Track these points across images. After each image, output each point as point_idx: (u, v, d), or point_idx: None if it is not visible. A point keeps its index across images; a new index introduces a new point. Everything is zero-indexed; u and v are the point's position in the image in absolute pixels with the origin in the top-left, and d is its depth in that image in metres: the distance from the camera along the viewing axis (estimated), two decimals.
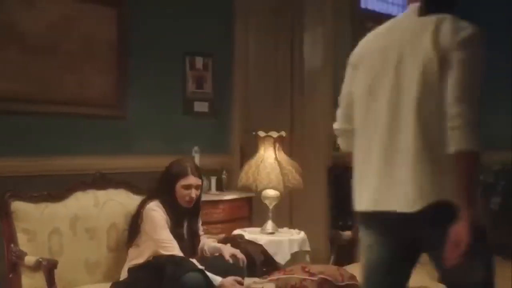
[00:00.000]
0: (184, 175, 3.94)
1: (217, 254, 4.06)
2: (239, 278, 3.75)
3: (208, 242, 4.17)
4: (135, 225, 3.92)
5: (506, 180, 7.51)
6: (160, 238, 3.80)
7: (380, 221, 2.70)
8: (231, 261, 3.96)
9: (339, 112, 3.03)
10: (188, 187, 3.94)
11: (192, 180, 3.95)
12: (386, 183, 2.60)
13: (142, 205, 3.94)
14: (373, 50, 2.80)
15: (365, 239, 2.86)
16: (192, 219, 4.08)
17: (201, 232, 4.22)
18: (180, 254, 3.78)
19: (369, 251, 2.84)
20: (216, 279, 3.66)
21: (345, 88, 2.93)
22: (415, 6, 2.75)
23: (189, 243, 4.02)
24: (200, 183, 4.03)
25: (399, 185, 2.55)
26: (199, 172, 4.06)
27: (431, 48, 2.52)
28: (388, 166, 2.59)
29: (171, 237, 3.82)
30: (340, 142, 3.09)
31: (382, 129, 2.62)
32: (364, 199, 2.73)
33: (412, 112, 2.51)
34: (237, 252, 4.04)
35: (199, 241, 4.13)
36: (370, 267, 2.84)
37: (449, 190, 2.44)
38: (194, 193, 3.96)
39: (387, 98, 2.61)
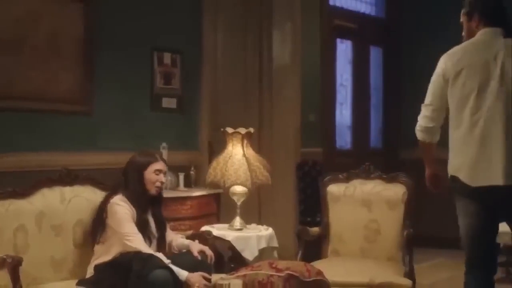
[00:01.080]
0: (155, 160, 4.02)
1: (184, 250, 4.06)
2: (206, 274, 3.75)
3: (176, 238, 4.17)
4: (99, 220, 3.91)
5: None
6: (125, 231, 3.80)
7: (491, 193, 3.44)
8: (199, 257, 3.96)
9: (432, 114, 3.70)
10: (159, 171, 4.00)
11: (162, 165, 4.04)
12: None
13: (106, 200, 3.94)
14: (473, 63, 3.51)
15: (469, 207, 3.53)
16: (156, 208, 4.10)
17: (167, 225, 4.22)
18: (145, 246, 3.78)
19: (474, 217, 3.53)
20: (182, 273, 3.67)
21: (439, 93, 3.66)
22: (495, 30, 3.55)
23: (158, 231, 4.04)
24: (166, 169, 4.13)
25: None
26: (164, 159, 4.16)
27: None
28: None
29: (136, 230, 3.83)
30: (426, 136, 3.77)
31: (501, 121, 3.41)
32: (489, 176, 3.42)
33: None
34: (206, 248, 4.04)
35: (165, 229, 4.12)
36: (475, 230, 3.55)
37: None
38: (163, 178, 4.03)
39: (496, 98, 3.42)
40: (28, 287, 3.62)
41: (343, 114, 8.08)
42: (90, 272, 3.83)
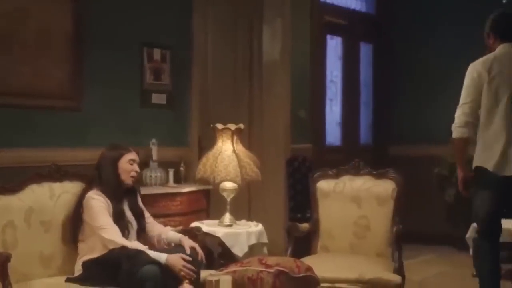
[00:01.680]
0: (127, 151, 4.04)
1: (173, 244, 4.06)
2: (185, 256, 3.78)
3: (165, 231, 4.16)
4: (77, 216, 3.93)
5: None
6: (98, 224, 3.80)
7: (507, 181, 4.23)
8: (189, 252, 3.95)
9: (468, 110, 4.28)
10: (133, 161, 4.01)
11: (135, 155, 4.06)
12: None
13: (81, 196, 3.95)
14: (503, 72, 4.25)
15: (488, 192, 4.29)
16: (132, 198, 4.10)
17: (149, 217, 4.22)
18: (120, 237, 3.78)
19: (491, 200, 4.29)
20: (162, 256, 3.69)
21: (475, 96, 4.27)
22: (509, 44, 4.35)
23: (136, 222, 4.05)
24: (138, 161, 4.15)
25: None
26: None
27: None
28: None
29: (111, 222, 3.83)
30: (464, 130, 4.30)
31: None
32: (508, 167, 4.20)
33: None
34: (197, 246, 4.02)
35: (144, 220, 4.13)
36: (492, 214, 4.33)
37: None
38: (137, 167, 4.05)
39: (506, 103, 4.19)
40: (17, 283, 3.60)
41: (333, 110, 8.09)
42: (78, 269, 3.82)
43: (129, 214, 4.03)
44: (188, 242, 4.02)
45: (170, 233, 4.15)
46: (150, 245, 3.96)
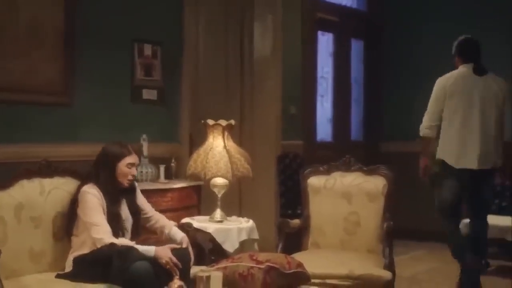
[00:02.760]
0: (128, 153, 4.01)
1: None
2: (174, 245, 3.84)
3: (169, 226, 4.18)
4: (72, 211, 3.92)
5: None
6: (91, 221, 3.79)
7: (467, 173, 5.29)
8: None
9: (432, 116, 5.40)
10: (132, 165, 4.00)
11: (135, 158, 4.04)
12: (485, 155, 5.27)
13: (77, 190, 3.93)
14: (461, 90, 5.34)
15: (450, 182, 5.36)
16: (130, 198, 4.09)
17: (151, 211, 4.24)
18: (110, 237, 3.76)
19: (452, 189, 5.36)
20: (150, 249, 3.71)
21: (438, 105, 5.38)
22: (469, 65, 5.43)
23: (133, 223, 4.04)
24: (138, 162, 4.14)
25: (490, 156, 5.31)
26: (136, 151, 4.16)
27: (500, 92, 5.39)
28: (485, 148, 5.28)
29: (103, 220, 3.81)
30: (428, 132, 5.44)
31: (478, 128, 5.27)
32: (467, 161, 5.27)
33: (494, 120, 5.34)
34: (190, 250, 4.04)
35: (139, 219, 4.13)
36: (452, 200, 5.39)
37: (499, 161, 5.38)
38: (135, 171, 4.04)
39: (479, 113, 5.28)
40: (7, 279, 3.59)
41: (324, 106, 8.10)
42: (69, 265, 3.81)
43: (126, 214, 4.01)
44: (186, 243, 4.03)
45: (174, 230, 4.16)
46: (154, 235, 3.99)
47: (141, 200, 4.21)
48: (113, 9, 5.49)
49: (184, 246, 3.99)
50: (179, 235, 4.12)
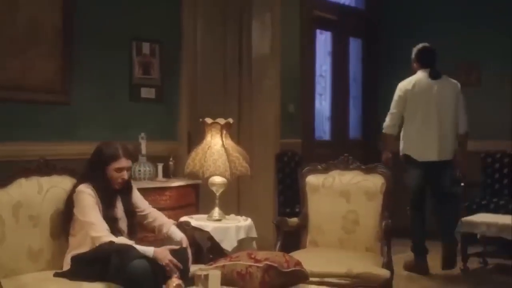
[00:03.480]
0: (115, 158, 3.92)
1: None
2: (173, 246, 3.83)
3: (168, 225, 4.15)
4: (68, 210, 3.90)
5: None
6: (88, 220, 3.78)
7: (428, 164, 6.11)
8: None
9: (394, 116, 6.25)
10: (120, 169, 3.93)
11: (124, 163, 3.94)
12: (442, 148, 6.12)
13: (73, 189, 3.92)
14: (420, 93, 6.13)
15: (415, 172, 6.17)
16: (125, 198, 4.06)
17: (147, 208, 4.21)
18: (108, 235, 3.75)
19: (416, 179, 6.17)
20: (149, 250, 3.70)
21: (399, 107, 6.20)
22: (426, 70, 6.19)
23: (129, 223, 4.02)
24: (131, 164, 4.05)
25: (447, 148, 6.16)
26: (130, 153, 4.06)
27: (453, 93, 6.19)
28: (442, 141, 6.12)
29: (100, 218, 3.80)
30: (390, 130, 6.30)
31: (436, 125, 6.10)
32: (428, 154, 6.11)
33: (451, 119, 6.18)
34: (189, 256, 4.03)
35: (135, 218, 4.10)
36: (417, 188, 6.20)
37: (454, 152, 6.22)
38: (126, 175, 3.97)
39: (436, 113, 6.11)
40: (5, 278, 3.59)
41: (323, 105, 8.10)
42: (67, 263, 3.80)
43: (121, 214, 4.00)
44: (186, 243, 4.02)
45: (172, 229, 4.14)
46: (151, 234, 3.97)
47: (136, 197, 4.19)
48: (112, 8, 5.48)
49: (183, 245, 3.98)
50: (178, 235, 4.10)
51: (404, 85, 6.16)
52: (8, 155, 4.66)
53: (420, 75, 6.16)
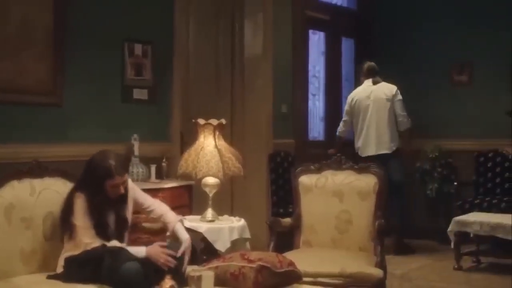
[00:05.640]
0: (109, 176, 3.84)
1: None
2: (163, 243, 3.82)
3: (173, 222, 4.14)
4: (64, 215, 3.88)
5: (442, 167, 7.68)
6: (80, 224, 3.77)
7: (370, 158, 6.61)
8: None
9: (345, 122, 7.43)
10: (116, 186, 3.87)
11: (118, 180, 3.86)
12: (379, 143, 7.11)
13: (69, 196, 3.90)
14: (362, 98, 7.25)
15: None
16: (120, 206, 4.01)
17: (152, 204, 4.22)
18: (101, 241, 3.75)
19: None
20: (141, 250, 3.72)
21: (349, 114, 7.36)
22: (369, 80, 7.30)
23: (116, 230, 3.95)
24: (126, 178, 3.97)
25: (383, 144, 7.13)
26: (124, 166, 4.00)
27: (389, 95, 7.21)
28: (379, 138, 7.11)
29: (92, 224, 3.79)
30: (341, 133, 7.50)
31: (373, 124, 7.15)
32: (368, 150, 7.14)
33: (386, 119, 7.17)
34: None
35: (125, 229, 4.06)
36: None
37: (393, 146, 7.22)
38: (122, 189, 3.91)
39: (374, 113, 7.19)
40: None
41: (316, 105, 8.10)
42: (60, 265, 3.80)
43: (112, 224, 3.95)
44: (185, 248, 4.01)
45: (177, 227, 4.12)
46: (145, 235, 3.97)
47: (139, 196, 4.17)
48: (104, 9, 5.47)
49: (180, 250, 3.94)
50: (183, 236, 4.07)
51: (353, 94, 7.41)
52: (0, 157, 4.64)
53: (364, 85, 7.35)
